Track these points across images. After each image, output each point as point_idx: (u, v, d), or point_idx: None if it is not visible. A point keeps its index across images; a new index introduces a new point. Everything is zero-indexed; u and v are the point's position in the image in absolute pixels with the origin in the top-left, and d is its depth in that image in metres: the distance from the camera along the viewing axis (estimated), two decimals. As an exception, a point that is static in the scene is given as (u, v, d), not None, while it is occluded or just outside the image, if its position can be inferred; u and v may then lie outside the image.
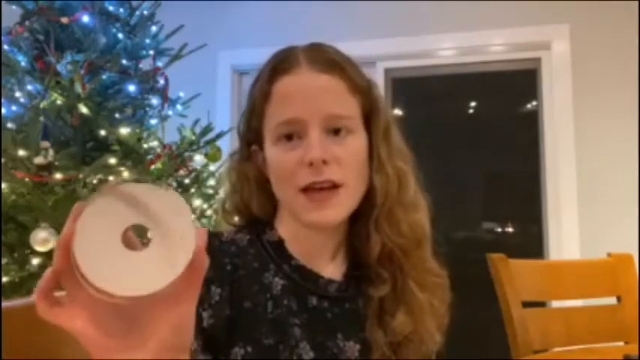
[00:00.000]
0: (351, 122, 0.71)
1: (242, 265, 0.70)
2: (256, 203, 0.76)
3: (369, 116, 0.73)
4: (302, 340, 0.68)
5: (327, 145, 0.68)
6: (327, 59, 0.72)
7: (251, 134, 0.76)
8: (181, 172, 1.90)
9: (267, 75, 0.72)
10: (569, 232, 2.41)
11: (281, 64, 0.72)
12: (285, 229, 0.75)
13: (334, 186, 0.68)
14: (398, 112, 2.78)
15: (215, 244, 0.71)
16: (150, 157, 1.80)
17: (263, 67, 0.74)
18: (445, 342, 0.77)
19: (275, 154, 0.70)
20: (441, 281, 0.76)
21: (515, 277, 1.46)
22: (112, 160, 1.63)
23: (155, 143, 1.91)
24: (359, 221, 0.73)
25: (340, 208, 0.70)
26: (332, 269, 0.75)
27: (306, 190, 0.68)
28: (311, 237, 0.73)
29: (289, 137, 0.69)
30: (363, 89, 0.73)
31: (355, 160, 0.70)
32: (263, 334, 0.67)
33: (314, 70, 0.70)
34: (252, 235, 0.75)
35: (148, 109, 1.95)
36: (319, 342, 0.69)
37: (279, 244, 0.74)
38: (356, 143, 0.71)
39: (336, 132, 0.69)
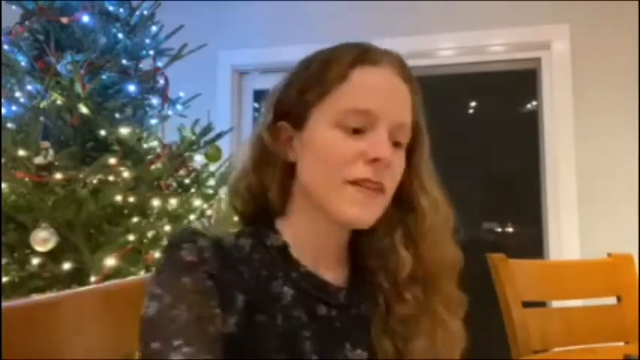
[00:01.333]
0: (407, 136, 0.70)
1: (251, 273, 0.66)
2: (275, 189, 0.70)
3: (415, 138, 0.72)
4: (312, 354, 0.65)
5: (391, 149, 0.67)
6: (406, 69, 0.72)
7: (292, 109, 0.70)
8: (181, 172, 1.90)
9: (349, 58, 0.68)
10: (569, 232, 2.40)
11: (365, 53, 0.69)
12: (292, 230, 0.71)
13: (381, 190, 0.66)
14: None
15: (222, 248, 0.66)
16: (150, 157, 1.80)
17: (336, 51, 0.71)
18: None
19: (331, 138, 0.66)
20: (463, 309, 0.74)
21: (515, 277, 1.46)
22: (112, 160, 1.63)
23: (155, 143, 1.91)
24: (377, 230, 0.70)
25: (378, 212, 0.68)
26: (336, 274, 0.72)
27: (355, 184, 0.65)
28: (324, 238, 0.71)
29: (353, 129, 0.66)
30: (417, 109, 0.73)
31: (399, 174, 0.70)
32: (274, 350, 0.63)
33: (395, 74, 0.70)
34: (254, 239, 0.70)
35: (148, 109, 1.95)
36: (329, 354, 0.67)
37: (284, 249, 0.70)
38: (403, 158, 0.70)
39: (395, 140, 0.68)
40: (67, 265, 1.51)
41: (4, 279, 1.47)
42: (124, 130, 1.72)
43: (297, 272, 0.69)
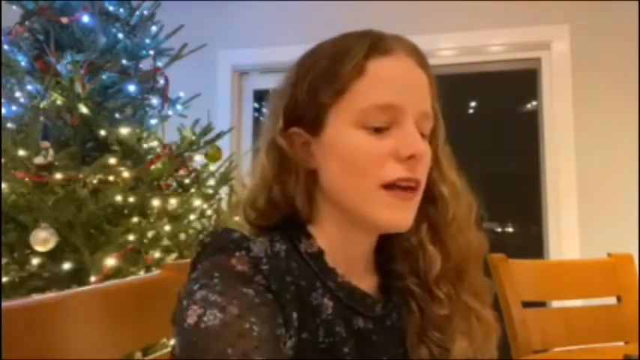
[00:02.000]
0: (430, 125, 0.65)
1: (294, 285, 0.59)
2: (301, 196, 0.63)
3: (434, 123, 0.68)
4: None
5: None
6: (420, 52, 0.66)
7: (305, 113, 0.63)
8: (181, 172, 1.90)
9: (363, 50, 0.62)
10: (569, 232, 2.40)
11: (378, 43, 0.63)
12: (326, 235, 0.64)
13: (417, 187, 0.62)
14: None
15: (271, 261, 0.58)
16: (150, 157, 1.80)
17: (346, 43, 0.64)
18: None
19: (357, 139, 0.60)
20: (491, 295, 0.71)
21: (515, 277, 1.46)
22: (112, 160, 1.63)
23: (155, 143, 1.91)
24: (404, 232, 0.65)
25: (414, 211, 0.63)
26: (367, 282, 0.67)
27: (388, 188, 0.60)
28: (356, 245, 0.66)
29: (377, 127, 0.61)
30: (434, 95, 0.69)
31: (429, 165, 0.64)
32: None
33: (412, 60, 0.64)
34: (288, 244, 0.63)
35: (148, 109, 1.95)
36: None
37: (320, 255, 0.63)
38: (429, 148, 0.65)
39: (422, 131, 0.63)
40: (67, 265, 1.51)
41: (4, 279, 1.47)
42: (124, 130, 1.72)
43: (334, 282, 0.63)
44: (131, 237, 1.59)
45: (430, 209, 0.66)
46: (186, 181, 1.92)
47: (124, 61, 1.86)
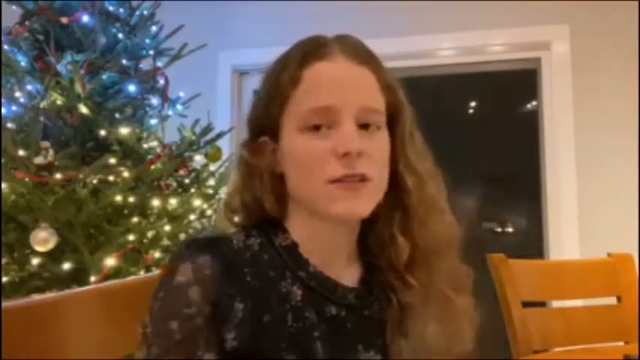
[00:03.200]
0: (380, 118, 0.68)
1: (259, 274, 0.65)
2: (269, 200, 0.69)
3: (394, 115, 0.71)
4: (323, 355, 0.64)
5: (360, 138, 0.65)
6: (362, 50, 0.70)
7: (265, 123, 0.70)
8: (181, 172, 1.90)
9: (297, 59, 0.68)
10: (569, 232, 2.40)
11: (314, 50, 0.68)
12: (299, 230, 0.70)
13: (363, 179, 0.65)
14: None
15: (229, 254, 0.65)
16: (150, 157, 1.80)
17: (288, 53, 0.70)
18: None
19: (301, 143, 0.66)
20: (470, 282, 0.74)
21: (515, 277, 1.46)
22: (112, 160, 1.63)
23: (155, 143, 1.91)
24: (378, 223, 0.70)
25: (369, 200, 0.66)
26: (348, 274, 0.71)
27: (335, 181, 0.64)
28: (328, 238, 0.70)
29: (317, 127, 0.65)
30: (390, 87, 0.71)
31: (382, 156, 0.68)
32: (284, 351, 0.62)
33: (349, 59, 0.68)
34: (263, 238, 0.69)
35: (148, 109, 1.95)
36: (341, 356, 0.66)
37: (293, 248, 0.69)
38: (383, 140, 0.68)
39: (365, 126, 0.66)
40: (67, 265, 1.51)
41: (4, 279, 1.47)
42: (124, 130, 1.72)
43: (305, 272, 0.68)
44: (131, 237, 1.59)
45: (399, 199, 0.70)
46: (186, 181, 1.92)
47: (124, 61, 1.86)
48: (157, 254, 1.67)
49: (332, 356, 0.65)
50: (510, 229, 2.79)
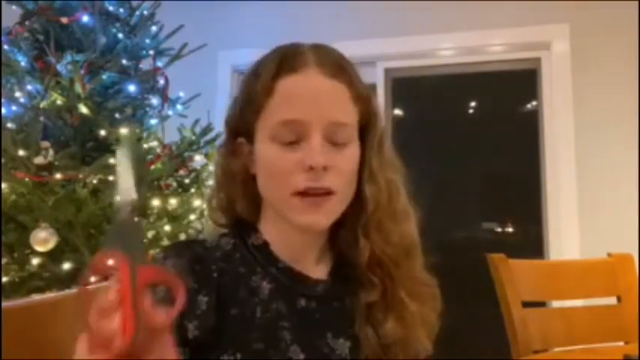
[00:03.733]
0: (350, 131, 0.70)
1: (228, 270, 0.69)
2: (241, 202, 0.74)
3: (366, 126, 0.73)
4: (292, 343, 0.67)
5: (328, 152, 0.67)
6: (335, 63, 0.71)
7: (241, 126, 0.73)
8: (181, 172, 1.90)
9: (272, 70, 0.69)
10: (569, 232, 2.40)
11: (288, 61, 0.70)
12: (270, 230, 0.74)
13: (328, 192, 0.68)
14: (398, 112, 2.78)
15: (199, 251, 0.70)
16: (150, 157, 1.80)
17: (264, 60, 0.72)
18: (443, 343, 0.77)
19: (270, 153, 0.69)
20: (432, 290, 0.76)
21: (515, 277, 1.46)
22: (112, 160, 1.63)
23: (155, 143, 1.91)
24: (345, 226, 0.73)
25: (331, 213, 0.70)
26: (317, 269, 0.75)
27: (300, 193, 0.67)
28: (297, 239, 0.73)
29: (290, 138, 0.68)
30: (364, 98, 0.72)
31: (350, 169, 0.70)
32: (253, 340, 0.66)
33: (322, 73, 0.69)
34: (237, 238, 0.74)
35: (148, 109, 1.95)
36: (310, 343, 0.69)
37: (265, 247, 0.73)
38: (352, 152, 0.71)
39: (335, 140, 0.69)
40: (67, 265, 1.51)
41: (4, 279, 1.47)
42: (124, 130, 1.72)
43: (275, 268, 0.72)
44: (131, 237, 1.59)
45: (361, 205, 0.73)
46: (186, 181, 1.92)
47: (124, 61, 1.86)
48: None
49: (301, 343, 0.68)
50: (510, 229, 2.79)
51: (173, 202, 1.74)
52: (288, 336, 0.68)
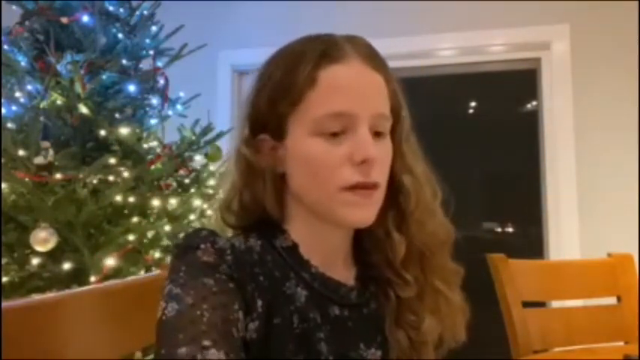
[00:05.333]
0: (388, 124, 0.69)
1: (266, 275, 0.64)
2: (270, 201, 0.68)
3: (395, 119, 0.71)
4: (328, 356, 0.64)
5: (374, 145, 0.65)
6: (375, 55, 0.69)
7: (268, 121, 0.68)
8: (181, 172, 1.90)
9: (313, 59, 0.65)
10: (569, 232, 2.40)
11: (330, 50, 0.66)
12: (299, 231, 0.69)
13: (376, 187, 0.65)
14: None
15: (236, 253, 0.64)
16: (150, 157, 1.80)
17: (301, 51, 0.67)
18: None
19: (314, 147, 0.64)
20: (459, 279, 0.75)
21: (515, 277, 1.47)
22: (112, 160, 1.63)
23: (155, 143, 1.91)
24: (375, 223, 0.69)
25: (377, 207, 0.67)
26: (346, 274, 0.72)
27: (349, 189, 0.64)
28: (328, 240, 0.70)
29: (333, 132, 0.64)
30: (395, 92, 0.71)
31: (388, 162, 0.69)
32: (292, 352, 0.62)
33: (364, 64, 0.67)
34: (263, 240, 0.68)
35: (148, 109, 1.95)
36: (344, 355, 0.66)
37: (294, 249, 0.68)
38: (389, 145, 0.69)
39: (377, 134, 0.67)
40: (67, 265, 1.51)
41: (4, 279, 1.47)
42: (124, 130, 1.72)
43: (308, 273, 0.68)
44: (131, 237, 1.59)
45: (394, 199, 0.71)
46: (186, 181, 1.92)
47: (124, 61, 1.86)
48: (157, 254, 1.67)
49: (336, 356, 0.65)
50: (510, 229, 2.79)
51: (173, 202, 1.74)
52: (324, 348, 0.64)
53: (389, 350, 0.70)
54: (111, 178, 1.60)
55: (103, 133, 1.72)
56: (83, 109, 1.68)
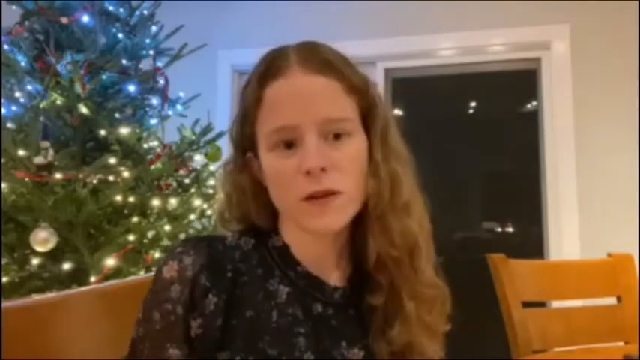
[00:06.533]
0: (349, 125, 0.67)
1: (246, 271, 0.68)
2: (256, 214, 0.72)
3: (367, 116, 0.70)
4: (307, 350, 0.66)
5: (326, 152, 0.64)
6: (320, 59, 0.68)
7: (245, 141, 0.72)
8: (181, 172, 1.90)
9: (257, 79, 0.68)
10: (569, 232, 2.41)
11: (272, 66, 0.68)
12: (289, 235, 0.72)
13: (331, 193, 0.65)
14: (398, 112, 2.78)
15: (219, 248, 0.69)
16: (150, 157, 1.80)
17: (254, 69, 0.71)
18: (445, 346, 0.74)
19: (271, 163, 0.67)
20: (437, 292, 0.72)
21: (515, 277, 1.46)
22: (112, 160, 1.63)
23: (155, 143, 1.91)
24: (360, 227, 0.70)
25: (342, 214, 0.66)
26: (337, 275, 0.73)
27: (306, 199, 0.65)
28: (315, 243, 0.71)
29: (287, 144, 0.66)
30: (360, 88, 0.69)
31: (355, 164, 0.67)
32: (267, 344, 0.65)
33: (307, 72, 0.66)
34: (257, 239, 0.72)
35: (148, 109, 1.95)
36: (324, 351, 0.67)
37: (285, 249, 0.71)
38: (355, 147, 0.67)
39: (335, 137, 0.66)
40: (67, 265, 1.51)
41: (4, 279, 1.47)
42: (124, 130, 1.72)
43: (294, 271, 0.70)
44: (131, 237, 1.59)
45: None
46: (186, 181, 1.92)
47: (124, 61, 1.86)
48: (157, 254, 1.67)
49: (315, 351, 0.66)
50: (510, 229, 2.79)
51: (173, 202, 1.74)
52: (302, 342, 0.66)
53: (374, 355, 0.70)
54: (111, 178, 1.60)
55: (103, 133, 1.72)
56: (83, 109, 1.68)
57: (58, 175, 1.52)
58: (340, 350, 0.69)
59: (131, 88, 1.84)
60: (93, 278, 1.49)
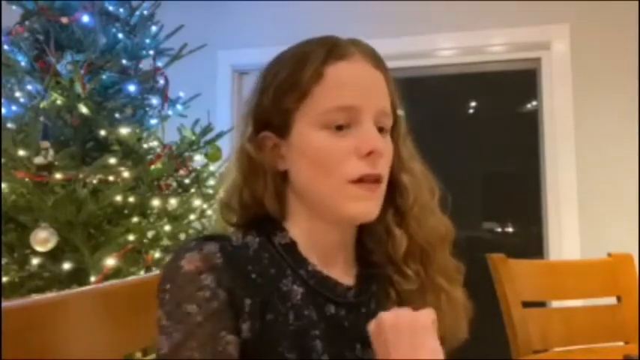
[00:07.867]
0: (389, 122, 0.71)
1: (260, 272, 0.66)
2: (270, 198, 0.69)
3: (394, 118, 0.73)
4: (323, 354, 0.64)
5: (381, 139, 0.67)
6: (376, 55, 0.72)
7: (273, 118, 0.69)
8: (181, 172, 1.90)
9: (320, 56, 0.67)
10: (569, 232, 2.40)
11: (335, 48, 0.68)
12: (299, 229, 0.70)
13: (379, 180, 0.67)
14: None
15: (229, 249, 0.65)
16: (150, 157, 1.80)
17: (307, 48, 0.69)
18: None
19: (320, 140, 0.66)
20: (461, 277, 0.76)
21: (515, 277, 1.46)
22: (112, 160, 1.63)
23: (155, 143, 1.91)
24: (375, 220, 0.69)
25: (379, 202, 0.68)
26: (345, 273, 0.72)
27: (355, 182, 0.65)
28: (328, 238, 0.70)
29: (339, 126, 0.66)
30: (393, 92, 0.73)
31: (390, 158, 0.70)
32: (286, 349, 0.62)
33: (367, 62, 0.69)
34: (262, 236, 0.69)
35: (148, 109, 1.95)
36: (340, 354, 0.66)
37: (292, 246, 0.69)
38: (390, 143, 0.71)
39: (380, 129, 0.68)
40: (67, 265, 1.51)
41: (4, 279, 1.47)
42: (124, 130, 1.72)
43: (305, 270, 0.68)
44: (131, 237, 1.59)
45: (393, 197, 0.72)
46: (186, 181, 1.92)
47: (124, 61, 1.86)
48: (157, 254, 1.67)
49: (331, 355, 0.65)
50: (510, 229, 2.79)
51: (173, 202, 1.74)
52: (319, 345, 0.64)
53: None
54: (111, 178, 1.60)
55: (103, 133, 1.72)
56: (83, 109, 1.68)
57: (58, 175, 1.52)
58: (355, 352, 0.68)
59: (131, 88, 1.84)
60: (93, 278, 1.49)
